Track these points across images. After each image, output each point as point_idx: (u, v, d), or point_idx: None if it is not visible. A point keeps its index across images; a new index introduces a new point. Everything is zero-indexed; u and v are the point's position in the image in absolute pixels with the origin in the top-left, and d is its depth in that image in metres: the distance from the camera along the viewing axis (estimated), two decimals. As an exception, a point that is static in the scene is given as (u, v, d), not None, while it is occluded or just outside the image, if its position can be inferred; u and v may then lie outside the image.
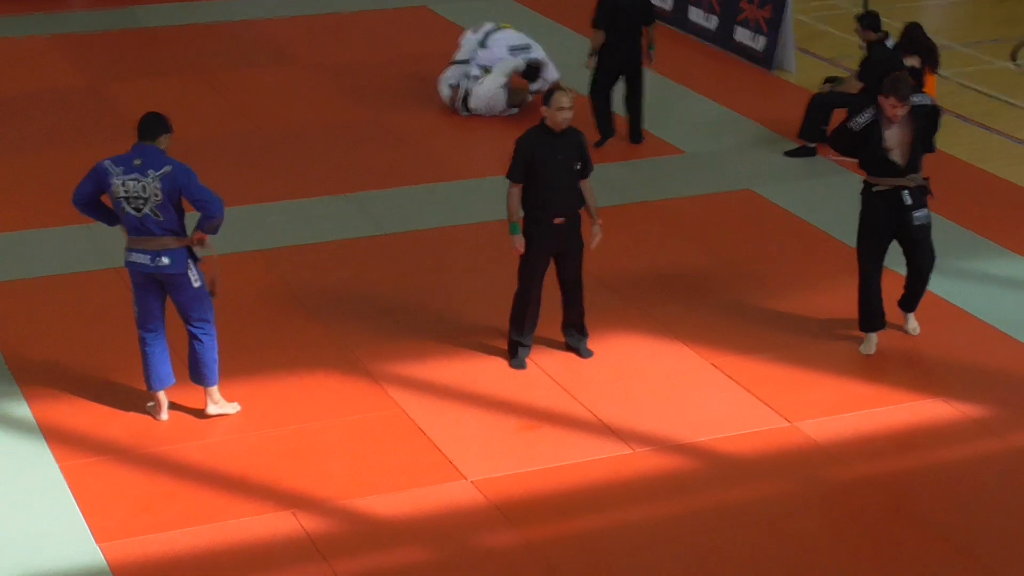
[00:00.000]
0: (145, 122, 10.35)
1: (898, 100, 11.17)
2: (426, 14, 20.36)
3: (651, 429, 10.73)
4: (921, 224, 11.52)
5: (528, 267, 11.33)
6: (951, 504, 10.04)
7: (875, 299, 11.72)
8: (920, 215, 11.50)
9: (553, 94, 11.09)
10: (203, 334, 10.57)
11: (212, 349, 10.62)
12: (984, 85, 17.96)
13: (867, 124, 11.35)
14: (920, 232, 11.56)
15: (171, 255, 10.29)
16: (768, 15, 18.45)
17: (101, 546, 9.36)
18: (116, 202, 10.30)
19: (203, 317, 10.55)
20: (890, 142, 11.35)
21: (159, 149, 10.29)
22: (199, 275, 10.45)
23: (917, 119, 11.35)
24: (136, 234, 10.32)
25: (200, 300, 10.49)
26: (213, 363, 10.65)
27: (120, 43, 19.03)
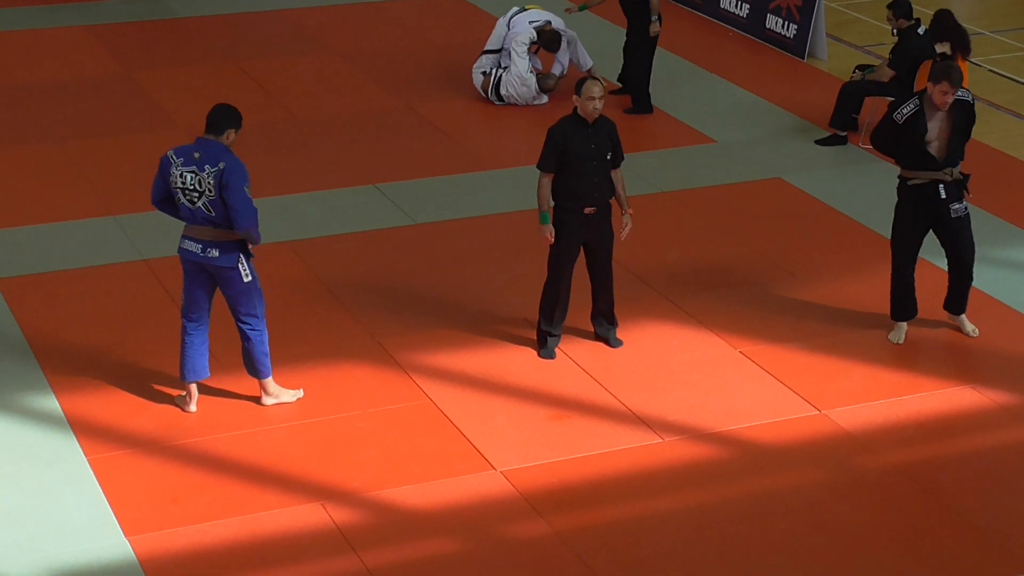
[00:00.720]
0: (212, 115, 10.37)
1: (950, 86, 11.09)
2: (460, 3, 20.35)
3: (681, 418, 10.73)
4: (959, 216, 11.47)
5: (558, 257, 11.32)
6: (981, 492, 10.01)
7: (908, 290, 11.68)
8: (958, 207, 11.45)
9: (584, 83, 11.07)
10: (251, 330, 10.56)
11: (262, 343, 10.60)
12: (1016, 73, 17.86)
13: (911, 115, 11.27)
14: (959, 224, 11.51)
15: (221, 247, 10.30)
16: (800, 3, 18.38)
17: (130, 539, 9.39)
18: (173, 191, 10.34)
19: (252, 312, 10.53)
20: (930, 134, 11.29)
21: (221, 144, 10.28)
22: (251, 270, 10.43)
23: (957, 112, 11.29)
24: (190, 223, 10.34)
25: (249, 295, 10.48)
26: (264, 357, 10.65)
27: (153, 33, 19.07)
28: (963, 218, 11.50)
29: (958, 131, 11.35)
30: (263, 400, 10.77)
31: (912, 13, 15.29)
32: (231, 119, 10.33)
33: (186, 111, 16.30)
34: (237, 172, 10.17)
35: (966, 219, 11.52)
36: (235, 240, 10.32)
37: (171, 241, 13.12)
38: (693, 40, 18.92)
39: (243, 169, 10.22)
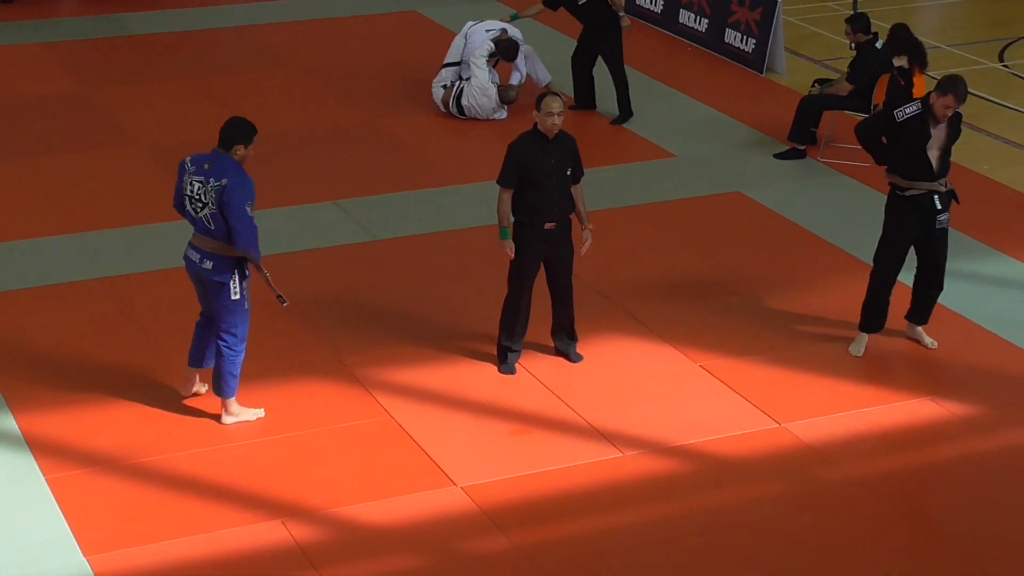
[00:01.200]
0: (223, 129, 10.36)
1: (955, 100, 11.10)
2: (417, 19, 20.36)
3: (641, 432, 10.74)
4: (942, 227, 11.52)
5: (518, 272, 11.33)
6: (942, 503, 10.06)
7: (886, 303, 11.70)
8: (943, 219, 11.49)
9: (543, 99, 11.09)
10: (226, 347, 10.52)
11: (233, 363, 10.55)
12: (973, 86, 17.91)
13: (913, 116, 11.27)
14: (941, 234, 11.56)
15: (216, 261, 10.31)
16: (758, 17, 18.46)
17: (89, 558, 9.34)
18: (181, 197, 10.37)
19: (231, 331, 10.48)
20: (933, 142, 11.31)
21: (230, 159, 10.25)
22: (240, 289, 10.41)
23: (955, 123, 11.34)
24: (195, 230, 10.39)
25: (232, 313, 10.44)
26: (231, 377, 10.61)
27: (112, 50, 19.02)
28: (946, 229, 11.55)
29: (950, 143, 11.38)
30: (223, 419, 10.74)
31: (870, 27, 15.37)
32: (240, 134, 10.29)
33: (146, 128, 16.27)
34: (239, 191, 10.14)
35: (947, 232, 11.59)
36: (232, 256, 10.31)
37: (131, 260, 13.17)
38: (652, 55, 18.97)
39: (247, 187, 10.18)
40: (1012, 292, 12.81)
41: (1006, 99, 17.50)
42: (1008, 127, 16.61)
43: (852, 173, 15.11)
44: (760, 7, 18.47)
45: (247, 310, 10.51)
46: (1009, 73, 18.51)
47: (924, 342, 11.85)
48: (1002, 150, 15.99)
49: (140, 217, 14.05)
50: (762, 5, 18.46)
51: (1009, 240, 13.72)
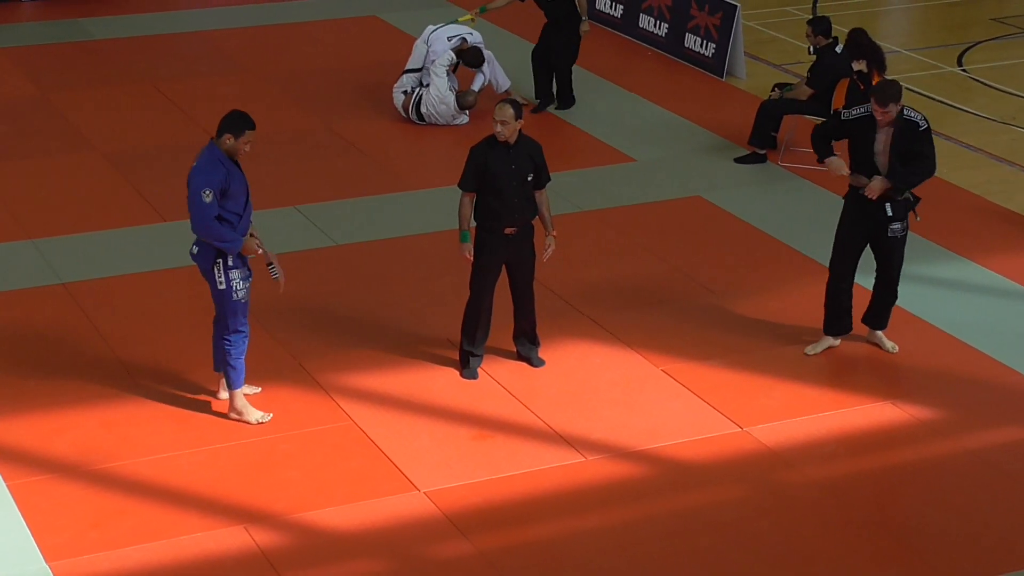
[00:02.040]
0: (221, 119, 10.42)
1: (875, 103, 11.17)
2: (378, 23, 20.33)
3: (603, 437, 10.75)
4: (894, 236, 11.52)
5: (479, 277, 11.33)
6: (902, 506, 10.10)
7: (844, 301, 11.74)
8: (896, 227, 11.48)
9: (496, 106, 11.13)
10: (222, 337, 10.62)
11: (229, 355, 10.62)
12: (931, 90, 18.05)
13: (860, 118, 11.32)
14: (893, 243, 11.56)
15: (200, 246, 10.44)
16: (718, 22, 18.50)
17: (51, 564, 9.30)
18: None
19: (224, 321, 10.58)
20: (877, 145, 11.34)
21: (214, 148, 10.32)
22: (227, 280, 10.42)
23: (898, 130, 11.32)
24: None
25: (222, 303, 10.52)
26: (230, 368, 10.66)
27: (70, 55, 18.94)
28: (898, 238, 11.54)
29: (896, 150, 11.33)
30: (228, 414, 10.81)
31: (831, 31, 15.42)
32: (230, 124, 10.32)
33: (103, 133, 16.20)
34: (198, 175, 10.24)
35: (902, 240, 11.57)
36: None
37: (89, 264, 13.10)
38: (612, 59, 18.99)
39: (209, 174, 10.22)
40: (971, 295, 12.88)
41: (964, 103, 17.59)
42: (966, 131, 16.70)
43: (812, 177, 15.16)
44: (720, 12, 18.52)
45: (238, 301, 10.51)
46: (967, 77, 18.60)
47: (884, 346, 11.90)
48: (961, 154, 16.07)
49: (98, 223, 13.99)
50: (722, 10, 18.51)
51: (967, 243, 13.79)
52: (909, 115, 11.31)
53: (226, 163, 10.29)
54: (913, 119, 11.30)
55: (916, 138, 11.32)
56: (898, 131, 11.29)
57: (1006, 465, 10.52)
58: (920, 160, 11.35)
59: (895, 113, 11.21)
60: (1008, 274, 13.20)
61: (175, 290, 12.70)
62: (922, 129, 11.31)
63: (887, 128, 11.29)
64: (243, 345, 10.64)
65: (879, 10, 21.79)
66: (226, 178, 10.25)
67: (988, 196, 14.92)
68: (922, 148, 11.34)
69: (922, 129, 11.31)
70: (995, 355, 11.87)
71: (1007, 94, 17.92)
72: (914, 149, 11.33)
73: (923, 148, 11.34)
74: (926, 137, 11.33)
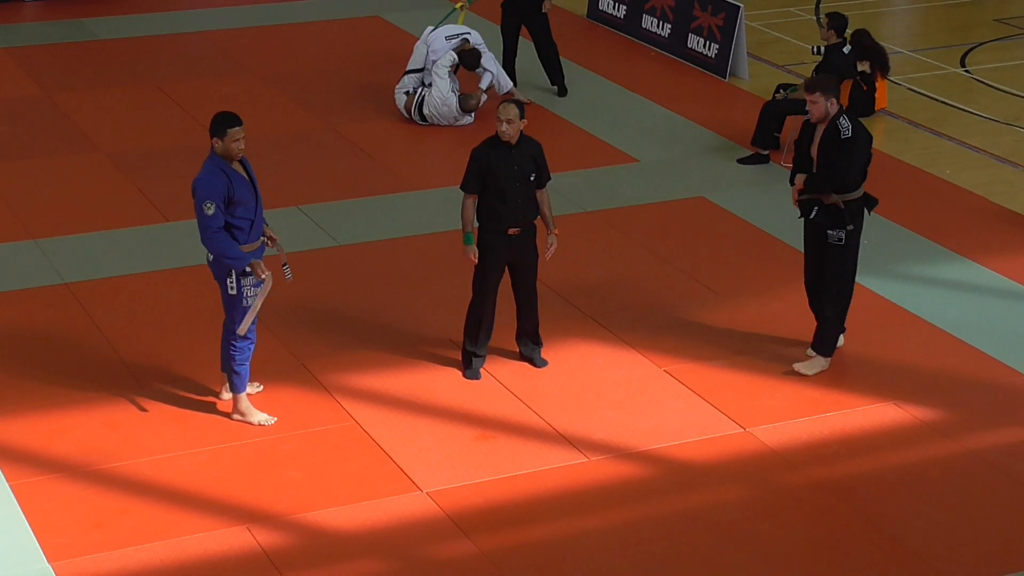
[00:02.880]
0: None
1: (805, 90, 11.20)
2: (380, 23, 20.34)
3: (606, 437, 10.75)
4: (832, 244, 11.37)
5: (482, 278, 11.33)
6: (904, 506, 10.09)
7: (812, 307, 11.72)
8: (834, 235, 11.32)
9: (499, 106, 11.13)
10: (228, 342, 10.63)
11: (233, 360, 10.63)
12: (934, 91, 18.05)
13: (805, 119, 11.38)
14: (832, 251, 11.39)
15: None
16: (721, 23, 18.50)
17: (53, 565, 9.30)
18: None
19: (231, 327, 10.59)
20: (813, 144, 11.33)
21: (213, 157, 10.34)
22: (238, 286, 10.43)
23: (826, 133, 11.22)
24: None
25: (231, 308, 10.54)
26: (233, 373, 10.68)
27: (73, 55, 18.96)
28: (836, 247, 11.35)
29: (822, 151, 11.24)
30: (231, 415, 10.81)
31: (844, 31, 15.39)
32: (213, 129, 10.33)
33: (106, 133, 16.21)
34: (199, 188, 10.26)
35: (841, 249, 11.34)
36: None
37: (92, 265, 13.10)
38: (615, 60, 18.99)
39: (207, 186, 10.23)
40: (973, 296, 12.87)
41: (967, 104, 17.58)
42: (969, 132, 16.68)
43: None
44: (723, 12, 18.52)
45: (247, 308, 10.51)
46: (971, 78, 18.60)
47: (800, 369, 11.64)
48: (964, 154, 16.06)
49: (100, 223, 14.00)
50: (725, 10, 18.51)
51: (970, 244, 13.78)
52: (839, 121, 11.15)
53: (226, 170, 10.28)
54: (841, 126, 11.14)
55: (837, 146, 11.16)
56: (826, 133, 11.24)
57: (1008, 466, 10.51)
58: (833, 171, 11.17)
59: (823, 107, 11.10)
60: (1011, 275, 13.19)
61: (178, 290, 12.71)
62: (843, 138, 11.12)
63: (822, 127, 11.24)
64: (248, 352, 10.64)
65: (882, 11, 21.77)
66: (228, 186, 10.24)
67: (990, 197, 14.91)
68: (839, 157, 11.15)
69: (843, 138, 11.12)
70: (997, 356, 11.86)
71: (1010, 95, 17.91)
72: (835, 156, 11.16)
73: (840, 158, 11.15)
74: (846, 147, 11.13)
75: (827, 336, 11.55)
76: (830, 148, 11.19)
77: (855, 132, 11.16)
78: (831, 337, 11.54)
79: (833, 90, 11.17)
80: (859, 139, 11.17)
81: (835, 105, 11.17)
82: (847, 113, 11.24)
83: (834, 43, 15.38)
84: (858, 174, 11.26)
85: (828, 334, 11.55)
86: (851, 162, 11.16)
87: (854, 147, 11.14)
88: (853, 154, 11.15)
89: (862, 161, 11.25)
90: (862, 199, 11.37)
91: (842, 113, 11.19)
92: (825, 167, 11.23)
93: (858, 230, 11.38)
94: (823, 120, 11.22)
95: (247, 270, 10.42)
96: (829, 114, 11.18)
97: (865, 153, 11.27)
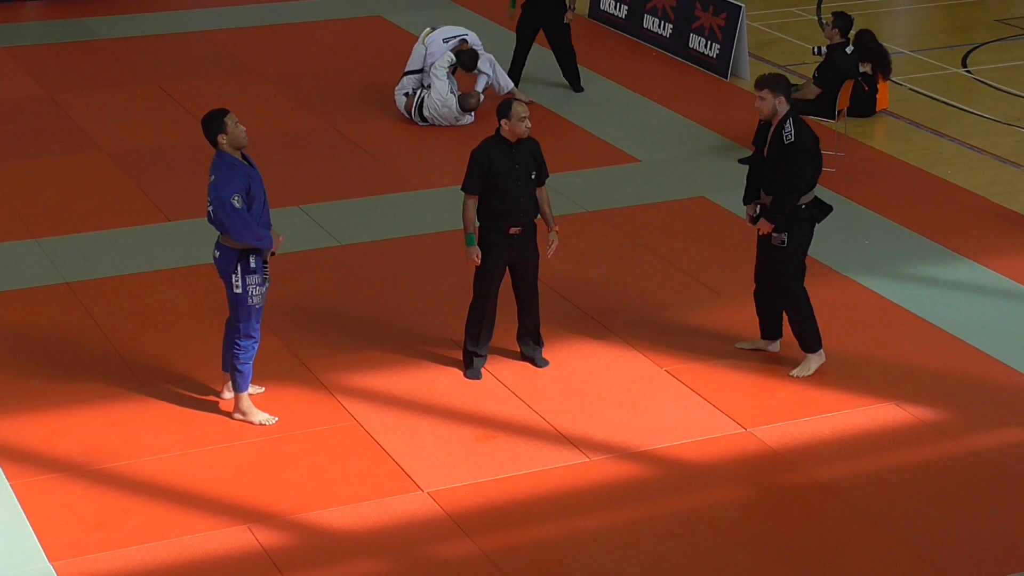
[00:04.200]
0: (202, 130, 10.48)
1: (755, 87, 11.23)
2: (380, 23, 20.35)
3: (607, 437, 10.75)
4: (775, 246, 11.34)
5: (484, 277, 11.33)
6: (906, 507, 10.09)
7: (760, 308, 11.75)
8: (775, 236, 11.29)
9: (512, 106, 11.12)
10: (234, 339, 10.65)
11: (237, 358, 10.63)
12: (935, 91, 18.05)
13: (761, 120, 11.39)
14: (774, 253, 11.40)
15: (222, 250, 10.49)
16: (722, 23, 18.50)
17: (54, 564, 9.31)
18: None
19: (237, 324, 10.60)
20: (766, 145, 11.31)
21: (222, 154, 10.37)
22: (243, 284, 10.45)
23: (774, 140, 11.18)
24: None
25: (237, 306, 10.55)
26: (237, 374, 10.68)
27: (74, 54, 18.97)
28: (780, 249, 11.33)
29: (770, 153, 11.22)
30: (232, 414, 10.82)
31: (848, 31, 15.38)
32: (211, 128, 10.38)
33: (108, 132, 16.22)
34: (222, 185, 10.27)
35: (782, 252, 11.32)
36: (235, 248, 10.41)
37: (94, 264, 13.11)
38: (616, 60, 19.00)
39: (231, 181, 10.27)
40: (974, 296, 12.87)
41: (969, 105, 17.58)
42: (971, 132, 16.68)
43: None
44: (724, 12, 18.52)
45: (252, 306, 10.53)
46: (972, 79, 18.60)
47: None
48: (965, 155, 16.06)
49: (102, 222, 14.01)
50: (726, 10, 18.51)
51: (971, 244, 13.78)
52: (785, 126, 11.10)
53: (240, 165, 10.34)
54: (784, 131, 11.09)
55: (782, 151, 11.13)
56: (773, 136, 11.21)
57: (1009, 466, 10.51)
58: (781, 180, 11.14)
59: (771, 104, 11.08)
60: (1012, 275, 13.19)
61: (179, 290, 12.72)
62: (787, 143, 11.07)
63: (772, 129, 11.23)
64: (253, 351, 10.65)
65: (883, 11, 21.77)
66: (246, 180, 10.33)
67: (992, 197, 14.91)
68: (785, 163, 11.11)
69: (787, 143, 11.07)
70: (998, 356, 11.86)
71: (1012, 95, 17.91)
72: (781, 163, 11.13)
73: (785, 165, 11.11)
74: (788, 152, 11.08)
75: (803, 333, 11.60)
76: (776, 153, 11.17)
77: (798, 136, 11.07)
78: (807, 332, 11.58)
79: (782, 89, 11.12)
80: (803, 143, 11.08)
81: (784, 104, 11.14)
82: (794, 115, 11.16)
83: (837, 43, 15.38)
84: (808, 178, 11.21)
85: (803, 332, 11.59)
86: (798, 168, 11.10)
87: (798, 152, 11.06)
88: (798, 159, 11.07)
89: (812, 165, 11.19)
90: (811, 205, 11.31)
91: (789, 115, 11.13)
92: (774, 171, 11.21)
93: (804, 235, 11.34)
94: (771, 118, 11.20)
95: (251, 267, 10.43)
96: (778, 113, 11.15)
97: (813, 156, 11.20)
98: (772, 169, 11.21)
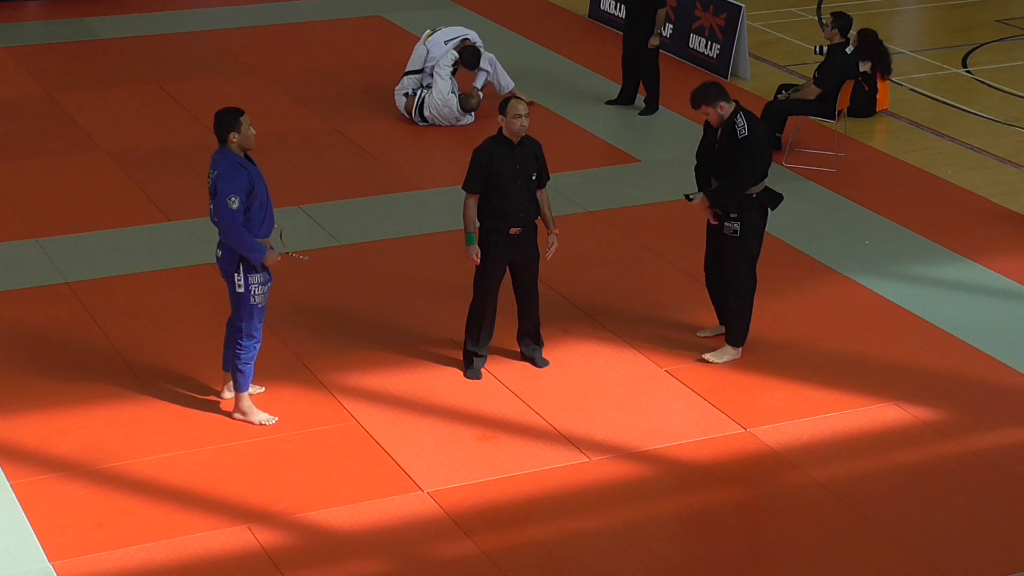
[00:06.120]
0: (214, 124, 10.46)
1: (693, 108, 11.32)
2: (381, 24, 20.35)
3: (607, 437, 10.75)
4: (728, 235, 11.44)
5: (484, 277, 11.33)
6: (905, 507, 10.09)
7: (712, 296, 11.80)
8: (728, 225, 11.39)
9: (508, 103, 11.12)
10: (235, 340, 10.64)
11: (239, 359, 10.63)
12: (935, 91, 18.05)
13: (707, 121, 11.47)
14: (725, 243, 11.49)
15: (224, 249, 10.49)
16: (722, 23, 18.50)
17: (54, 564, 9.31)
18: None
19: (239, 324, 10.60)
20: (717, 145, 11.35)
21: (227, 151, 10.37)
22: (246, 283, 10.46)
23: (724, 132, 11.27)
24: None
25: (239, 306, 10.55)
26: (238, 373, 10.69)
27: (75, 54, 18.97)
28: (732, 238, 11.43)
29: (721, 152, 11.32)
30: (233, 414, 10.81)
31: (848, 31, 15.38)
32: (227, 125, 10.37)
33: (108, 132, 16.22)
34: (223, 181, 10.29)
35: (734, 241, 11.43)
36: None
37: (94, 264, 13.11)
38: (617, 60, 18.97)
39: (233, 180, 10.29)
40: (974, 297, 12.87)
41: (969, 105, 17.59)
42: (971, 132, 16.69)
43: (816, 178, 15.17)
44: (724, 12, 18.52)
45: (254, 306, 10.54)
46: (972, 79, 18.60)
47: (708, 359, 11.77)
48: (965, 155, 16.06)
49: (102, 222, 14.01)
50: (726, 11, 18.51)
51: (971, 244, 13.78)
52: (735, 120, 11.20)
53: (244, 164, 10.35)
54: (737, 124, 11.20)
55: (735, 145, 11.23)
56: (723, 132, 11.28)
57: (1009, 466, 10.51)
58: (735, 171, 11.24)
59: (715, 115, 11.21)
60: (1011, 275, 13.20)
61: (179, 289, 12.72)
62: (740, 138, 11.18)
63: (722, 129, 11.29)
64: (254, 351, 10.66)
65: (884, 11, 21.77)
66: (249, 180, 10.33)
67: (991, 197, 14.91)
68: (739, 158, 11.22)
69: (740, 138, 11.18)
70: (998, 356, 11.87)
71: (1012, 96, 17.92)
72: (736, 157, 11.23)
73: (739, 158, 11.22)
74: (743, 147, 11.18)
75: (734, 327, 11.66)
76: (729, 148, 11.27)
77: (751, 130, 11.22)
78: (739, 328, 11.66)
79: (715, 95, 11.22)
80: (756, 137, 11.24)
81: (725, 108, 11.24)
82: (743, 111, 11.29)
83: (837, 43, 15.38)
84: (759, 170, 11.35)
85: (735, 325, 11.66)
86: (753, 160, 11.25)
87: (754, 146, 11.22)
88: (754, 152, 11.23)
89: (764, 157, 11.34)
90: (762, 194, 11.44)
91: (738, 111, 11.25)
92: (727, 166, 11.30)
93: (756, 224, 11.47)
94: (723, 123, 11.28)
95: (257, 269, 10.44)
96: (725, 116, 11.23)
97: (765, 149, 11.36)
98: (727, 161, 11.29)
